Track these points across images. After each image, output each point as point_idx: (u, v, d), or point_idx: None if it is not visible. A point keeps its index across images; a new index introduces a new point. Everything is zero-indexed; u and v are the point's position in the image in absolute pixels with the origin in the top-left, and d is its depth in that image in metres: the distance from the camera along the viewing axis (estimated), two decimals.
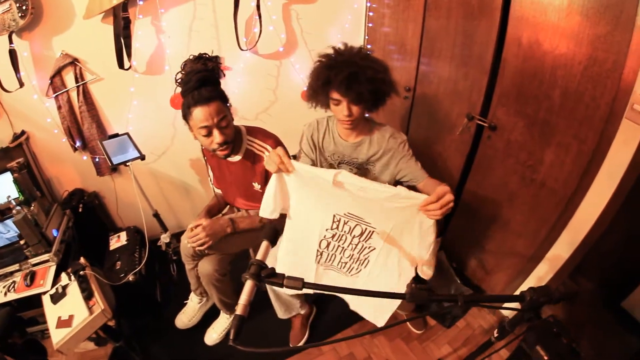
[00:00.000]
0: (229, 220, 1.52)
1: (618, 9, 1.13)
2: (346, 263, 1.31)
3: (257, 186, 1.56)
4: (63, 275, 1.57)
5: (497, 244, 1.80)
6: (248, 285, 0.73)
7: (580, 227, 1.40)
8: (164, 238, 2.02)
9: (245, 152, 1.51)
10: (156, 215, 1.98)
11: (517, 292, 0.90)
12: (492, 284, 1.86)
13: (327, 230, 1.24)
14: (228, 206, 1.80)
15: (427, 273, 1.17)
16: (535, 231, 1.57)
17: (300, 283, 0.75)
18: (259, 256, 0.80)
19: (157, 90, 1.91)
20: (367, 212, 1.15)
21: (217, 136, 1.35)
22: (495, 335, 1.08)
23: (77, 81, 1.75)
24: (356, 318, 1.83)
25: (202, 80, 1.31)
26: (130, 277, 1.74)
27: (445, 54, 1.74)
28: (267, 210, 1.23)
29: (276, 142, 1.52)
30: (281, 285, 0.75)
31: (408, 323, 1.81)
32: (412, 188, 1.15)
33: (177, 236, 2.15)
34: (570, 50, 1.27)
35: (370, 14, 2.11)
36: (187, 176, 2.29)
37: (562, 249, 1.49)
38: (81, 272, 1.57)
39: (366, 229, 1.19)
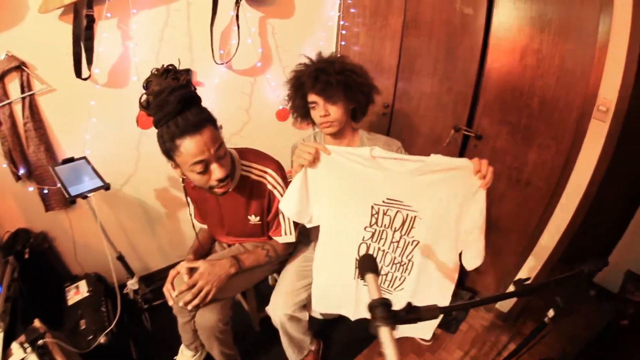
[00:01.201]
0: (232, 260, 1.31)
1: (582, 29, 1.42)
2: (387, 274, 1.28)
3: (254, 219, 1.38)
4: (15, 347, 1.18)
5: (487, 244, 1.97)
6: (386, 334, 0.56)
7: (564, 215, 1.64)
8: (131, 284, 1.69)
9: (239, 180, 1.30)
10: (120, 257, 1.66)
11: (511, 288, 1.00)
12: (486, 283, 2.02)
13: (365, 229, 1.20)
14: (216, 243, 1.58)
15: (474, 263, 1.15)
16: (524, 225, 1.77)
17: (437, 309, 0.65)
18: (373, 294, 0.65)
19: (121, 105, 1.67)
20: (407, 193, 1.11)
21: (217, 171, 1.10)
22: (551, 315, 1.14)
23: (23, 91, 1.42)
24: (364, 343, 1.81)
25: (184, 101, 1.02)
26: (102, 339, 1.40)
27: (426, 71, 1.92)
28: (287, 205, 1.19)
29: (277, 164, 1.36)
30: (419, 319, 0.64)
31: (417, 337, 1.83)
32: None
33: (145, 280, 1.84)
34: (547, 63, 1.53)
35: (343, 32, 2.22)
36: (152, 209, 2.00)
37: (549, 238, 1.71)
38: (39, 342, 1.21)
39: (407, 215, 1.14)
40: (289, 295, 1.38)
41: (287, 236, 1.41)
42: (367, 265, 0.73)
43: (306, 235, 1.54)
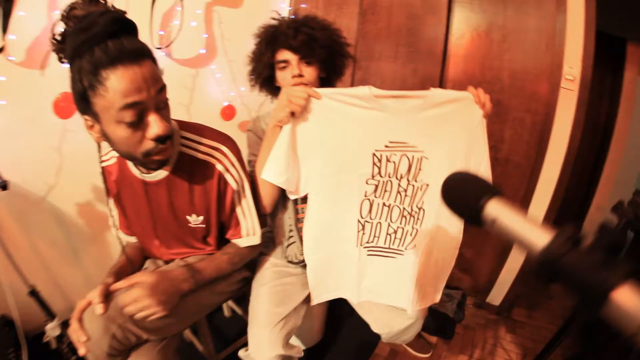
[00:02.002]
0: (186, 270, 0.93)
1: (542, 2, 1.47)
2: (397, 231, 1.07)
3: (194, 220, 1.00)
4: None
5: (470, 236, 1.87)
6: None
7: (546, 188, 1.62)
8: (52, 329, 1.21)
9: (178, 160, 0.93)
10: (34, 292, 1.19)
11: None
12: (475, 275, 1.91)
13: (367, 182, 1.03)
14: (148, 261, 1.14)
15: None
16: None
17: None
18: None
19: (39, 90, 1.26)
20: (411, 133, 1.01)
21: (156, 125, 0.77)
22: None
23: None
24: None
25: (119, 23, 0.72)
26: None
27: (387, 55, 1.85)
28: (275, 171, 0.98)
29: (232, 141, 1.02)
30: None
31: (414, 352, 1.62)
32: None
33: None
34: (512, 37, 1.55)
35: None
36: (77, 231, 1.52)
37: (535, 213, 1.68)
38: None
39: (413, 157, 1.02)
40: (273, 329, 1.02)
41: (250, 237, 1.06)
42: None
43: (269, 240, 1.23)
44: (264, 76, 1.15)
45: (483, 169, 1.05)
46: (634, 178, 2.20)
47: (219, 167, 0.95)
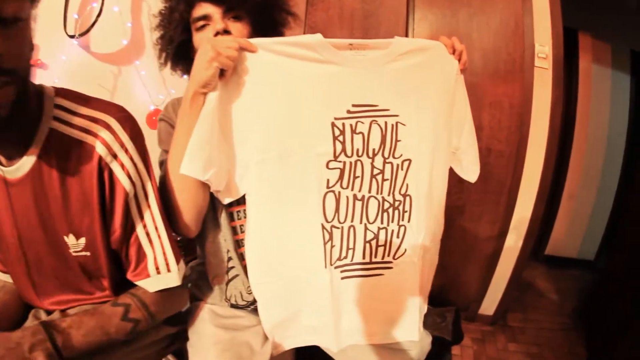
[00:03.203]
0: (39, 330, 0.57)
1: None
2: (377, 237, 0.79)
3: (74, 243, 0.65)
4: None
5: (454, 242, 1.70)
6: None
7: (533, 173, 1.51)
8: None
9: (46, 141, 0.61)
10: None
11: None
12: (464, 287, 1.71)
13: (328, 165, 0.74)
14: (30, 313, 0.74)
15: (474, 170, 0.88)
16: (494, 203, 1.57)
17: None
18: None
19: None
20: (379, 92, 0.77)
21: None
22: None
23: None
24: None
25: None
26: None
27: None
28: (198, 161, 0.66)
29: (124, 112, 0.67)
30: None
31: None
32: None
33: None
34: (479, 16, 1.47)
35: None
36: None
37: (524, 207, 1.55)
38: None
39: (386, 123, 0.77)
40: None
41: (163, 276, 0.70)
42: None
43: (201, 276, 0.89)
44: (177, 42, 0.84)
45: (466, 134, 0.87)
46: (600, 165, 2.21)
47: (99, 148, 0.61)
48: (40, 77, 1.28)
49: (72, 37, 1.27)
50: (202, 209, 0.75)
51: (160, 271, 0.69)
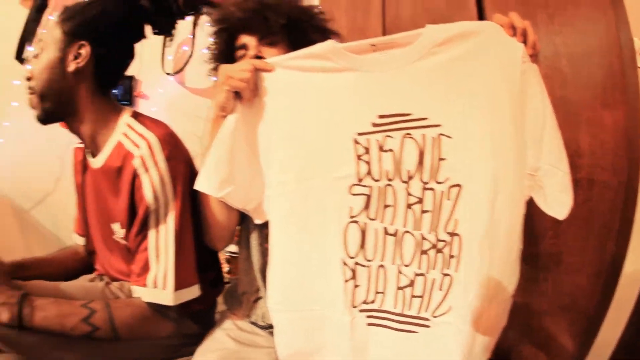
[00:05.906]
0: (18, 295, 0.73)
1: None
2: (413, 285, 0.69)
3: (118, 230, 0.87)
4: None
5: (548, 298, 1.38)
6: None
7: None
8: None
9: (114, 150, 0.87)
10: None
11: None
12: (556, 348, 1.36)
13: (351, 189, 0.67)
14: (95, 273, 1.01)
15: (565, 202, 0.67)
16: (599, 251, 1.24)
17: None
18: None
19: None
20: (414, 97, 0.66)
21: None
22: None
23: None
24: None
25: None
26: None
27: None
28: (213, 178, 0.72)
29: (169, 133, 0.91)
30: None
31: None
32: None
33: None
34: (559, 14, 1.29)
35: None
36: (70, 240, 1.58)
37: (638, 255, 1.19)
38: None
39: (424, 136, 0.64)
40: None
41: (158, 291, 0.79)
42: None
43: (231, 292, 0.99)
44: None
45: (547, 142, 0.66)
46: None
47: (135, 160, 0.80)
48: (141, 105, 1.69)
49: (168, 74, 1.66)
50: (227, 226, 0.84)
51: (157, 285, 0.79)
